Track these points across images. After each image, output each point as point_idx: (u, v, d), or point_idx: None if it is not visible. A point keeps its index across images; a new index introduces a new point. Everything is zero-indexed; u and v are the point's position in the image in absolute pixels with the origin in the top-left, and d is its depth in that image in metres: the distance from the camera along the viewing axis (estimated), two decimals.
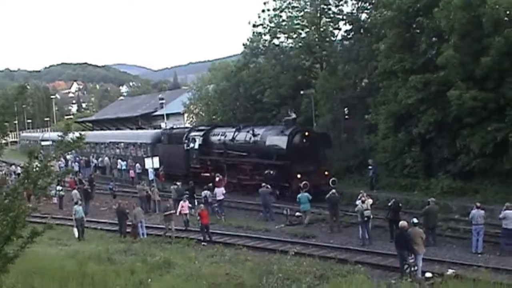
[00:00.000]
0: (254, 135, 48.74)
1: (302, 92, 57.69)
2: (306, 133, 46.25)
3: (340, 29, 61.24)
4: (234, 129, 52.18)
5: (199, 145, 55.56)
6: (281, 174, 44.99)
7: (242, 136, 50.56)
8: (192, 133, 58.07)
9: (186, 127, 65.84)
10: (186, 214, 38.01)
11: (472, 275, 21.99)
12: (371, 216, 31.81)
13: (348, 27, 57.98)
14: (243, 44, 67.54)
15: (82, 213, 35.59)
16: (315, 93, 55.30)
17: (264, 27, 63.55)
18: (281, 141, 45.64)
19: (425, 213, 29.79)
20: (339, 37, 61.79)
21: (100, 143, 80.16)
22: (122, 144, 74.48)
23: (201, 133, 56.49)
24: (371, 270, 25.89)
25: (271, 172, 45.32)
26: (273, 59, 64.68)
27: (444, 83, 41.46)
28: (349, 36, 57.96)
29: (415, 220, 25.40)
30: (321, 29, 62.00)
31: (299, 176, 43.04)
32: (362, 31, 55.84)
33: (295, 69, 63.96)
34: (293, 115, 48.96)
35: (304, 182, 41.17)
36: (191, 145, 56.61)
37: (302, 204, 36.59)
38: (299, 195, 37.43)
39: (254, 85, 66.86)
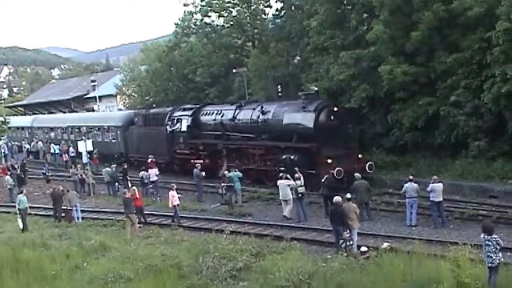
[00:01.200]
0: (263, 112, 41.23)
1: (234, 70, 57.57)
2: (335, 109, 38.65)
3: (271, 7, 61.20)
4: (234, 107, 44.80)
5: (188, 126, 48.25)
6: (306, 159, 37.10)
7: (246, 114, 43.19)
8: (177, 113, 50.26)
9: (167, 107, 56.13)
10: (178, 205, 33.47)
11: (407, 248, 22.10)
12: (305, 193, 31.74)
13: (279, 4, 57.85)
14: (175, 24, 67.04)
15: (26, 203, 34.16)
16: (247, 72, 55.14)
17: (195, 6, 63.25)
18: (305, 119, 37.95)
19: (353, 189, 29.77)
20: (270, 15, 61.62)
21: (56, 128, 71.60)
22: (84, 128, 64.81)
23: (189, 112, 48.90)
24: (307, 246, 25.90)
25: (292, 157, 37.65)
26: (205, 38, 64.39)
27: (375, 59, 41.86)
28: (280, 14, 57.74)
29: (348, 196, 25.47)
30: (252, 7, 61.86)
31: (329, 161, 36.11)
32: (293, 8, 55.76)
33: (227, 48, 63.85)
34: (315, 88, 42.15)
35: (337, 169, 34.91)
36: (176, 127, 49.30)
37: (234, 183, 36.22)
38: (229, 174, 36.78)
39: (186, 64, 66.55)
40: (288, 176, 32.62)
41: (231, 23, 62.64)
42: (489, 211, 29.06)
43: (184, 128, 48.64)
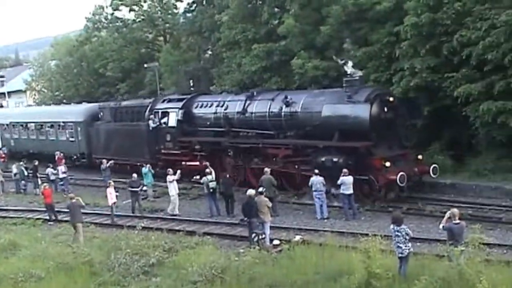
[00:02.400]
0: (287, 104, 33.35)
1: (146, 65, 57.12)
2: (390, 99, 31.17)
3: (182, 1, 60.93)
4: (242, 97, 36.84)
5: (178, 121, 39.78)
6: (354, 162, 29.66)
7: (261, 106, 35.12)
8: (161, 105, 41.87)
9: (145, 98, 47.56)
10: (114, 203, 31.68)
11: (319, 240, 22.27)
12: (217, 188, 31.59)
13: None
14: (85, 18, 66.20)
15: None
16: (159, 66, 54.75)
17: (106, 0, 62.46)
18: (356, 112, 29.95)
19: (259, 183, 29.67)
20: (182, 9, 61.33)
21: None
22: (32, 125, 55.55)
23: (179, 104, 40.41)
24: (220, 240, 25.83)
25: (335, 159, 29.82)
26: (116, 33, 63.87)
27: (286, 52, 42.00)
28: (191, 8, 57.43)
29: (260, 189, 25.48)
30: (164, 2, 61.57)
31: (387, 164, 29.28)
32: (204, 2, 55.53)
33: (138, 43, 63.57)
34: (359, 72, 32.66)
35: (401, 173, 28.38)
36: (162, 122, 40.79)
37: (145, 179, 35.76)
38: (143, 169, 36.18)
39: (97, 59, 65.82)
40: (171, 170, 32.95)
41: (142, 17, 62.38)
42: None
43: (172, 123, 40.07)
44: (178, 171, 33.75)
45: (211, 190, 31.03)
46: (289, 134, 33.79)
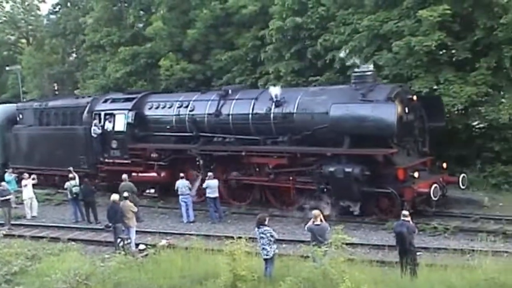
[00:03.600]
0: (278, 103, 27.76)
1: (7, 68, 55.41)
2: (413, 98, 26.38)
3: (46, 2, 59.76)
4: (213, 96, 30.83)
5: (128, 125, 33.23)
6: (373, 173, 25.02)
7: (241, 106, 29.28)
8: (103, 106, 35.11)
9: (78, 97, 40.33)
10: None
11: (185, 244, 22.12)
12: (79, 193, 30.75)
13: (55, 0, 56.17)
14: None
15: None
16: (21, 69, 53.25)
17: None
18: (377, 113, 24.44)
19: (119, 190, 29.00)
20: (46, 11, 60.06)
21: None
22: None
23: (128, 104, 33.84)
24: (85, 246, 25.21)
25: (348, 169, 24.77)
26: None
27: (153, 55, 41.72)
28: (56, 10, 56.26)
29: (126, 194, 25.10)
30: (26, 3, 60.07)
31: (416, 174, 24.95)
32: (69, 4, 54.57)
33: (0, 45, 61.46)
34: (371, 66, 27.30)
35: (435, 186, 24.29)
36: (106, 125, 34.19)
37: (9, 185, 34.20)
38: (6, 176, 34.14)
39: None
40: (26, 174, 30.92)
41: (4, 18, 60.49)
42: None
43: (120, 127, 33.55)
44: (34, 175, 32.17)
45: (74, 195, 30.30)
46: (281, 140, 27.96)
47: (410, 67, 28.72)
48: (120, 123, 33.63)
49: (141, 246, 23.14)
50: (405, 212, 17.52)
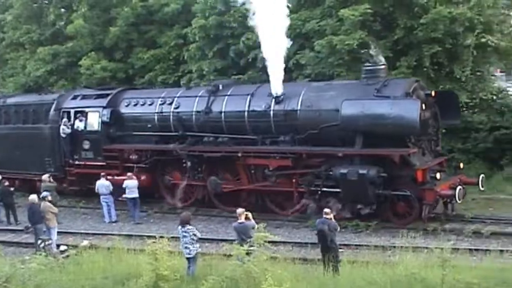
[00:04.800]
0: (278, 100, 25.68)
1: None
2: (432, 93, 24.43)
3: None
4: (204, 92, 28.27)
5: (103, 124, 30.57)
6: (390, 175, 23.26)
7: (235, 103, 26.92)
8: (73, 103, 32.24)
9: (44, 93, 36.29)
10: None
11: (107, 244, 21.90)
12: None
13: None
14: None
15: None
16: None
17: None
18: (399, 110, 22.49)
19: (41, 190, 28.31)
20: None
21: None
22: None
23: (103, 101, 31.11)
24: (5, 248, 24.74)
25: (362, 171, 22.83)
26: None
27: (73, 54, 41.15)
28: None
29: (45, 194, 24.64)
30: None
31: (437, 176, 23.21)
32: None
33: None
34: (382, 59, 25.55)
35: (459, 187, 22.97)
36: (77, 125, 31.33)
37: None
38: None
39: None
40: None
41: None
42: None
43: (94, 127, 30.93)
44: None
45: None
46: (282, 140, 25.72)
47: (332, 65, 28.99)
48: (94, 122, 30.96)
49: (63, 247, 22.76)
50: (326, 210, 17.68)
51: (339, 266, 16.90)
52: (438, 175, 23.10)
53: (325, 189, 24.14)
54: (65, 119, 31.54)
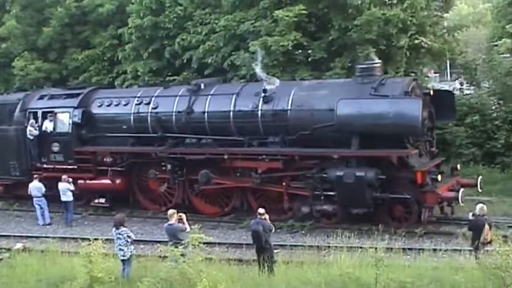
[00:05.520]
0: (266, 99, 24.33)
1: None
2: (430, 92, 24.28)
3: None
4: (184, 92, 26.83)
5: (74, 125, 28.69)
6: (388, 177, 22.27)
7: (219, 103, 25.53)
8: (40, 103, 30.20)
9: (4, 94, 36.70)
10: None
11: (41, 247, 21.68)
12: None
13: None
14: None
15: None
16: None
17: None
18: (400, 110, 21.60)
19: None
20: None
21: None
22: None
23: (74, 101, 29.20)
24: None
25: (359, 173, 21.88)
26: None
27: (6, 55, 40.64)
28: None
29: None
30: None
31: (439, 178, 22.46)
32: None
33: None
34: (376, 58, 24.67)
35: (462, 190, 22.29)
36: (45, 126, 29.24)
37: None
38: None
39: None
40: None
41: None
42: None
43: (64, 128, 29.02)
44: None
45: None
46: (271, 141, 24.36)
47: (267, 67, 28.98)
48: (64, 123, 29.01)
49: None
50: (261, 210, 17.73)
51: (274, 267, 17.01)
52: (439, 177, 22.33)
53: (330, 193, 22.87)
54: (32, 120, 29.45)
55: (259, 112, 24.30)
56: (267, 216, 17.63)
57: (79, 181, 28.04)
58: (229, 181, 25.47)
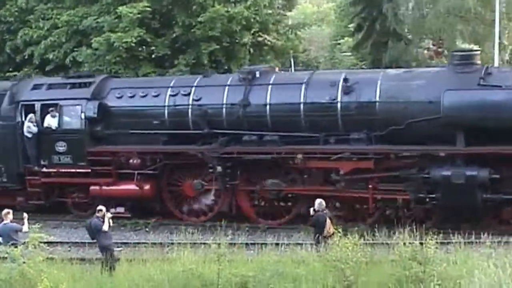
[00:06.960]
0: (347, 90, 20.67)
1: None
2: None
3: None
4: (236, 81, 22.45)
5: (87, 120, 23.35)
6: (502, 177, 19.34)
7: (285, 94, 21.54)
8: (40, 95, 24.45)
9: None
10: None
11: None
12: None
13: None
14: None
15: None
16: None
17: None
18: None
19: None
20: None
21: None
22: None
23: (86, 92, 23.69)
24: None
25: (471, 173, 19.21)
26: None
27: None
28: None
29: None
30: None
31: None
32: None
33: None
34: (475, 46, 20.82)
35: None
36: (47, 122, 23.82)
37: None
38: None
39: None
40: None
41: None
42: None
43: (75, 124, 23.74)
44: None
45: None
46: (354, 138, 20.76)
47: (110, 63, 28.93)
48: (74, 118, 23.82)
49: None
50: (100, 208, 17.58)
51: (115, 265, 16.92)
52: None
53: (431, 195, 19.83)
54: (31, 115, 24.07)
55: (339, 105, 20.82)
56: (108, 214, 17.44)
57: (92, 188, 23.47)
58: (302, 187, 21.63)
